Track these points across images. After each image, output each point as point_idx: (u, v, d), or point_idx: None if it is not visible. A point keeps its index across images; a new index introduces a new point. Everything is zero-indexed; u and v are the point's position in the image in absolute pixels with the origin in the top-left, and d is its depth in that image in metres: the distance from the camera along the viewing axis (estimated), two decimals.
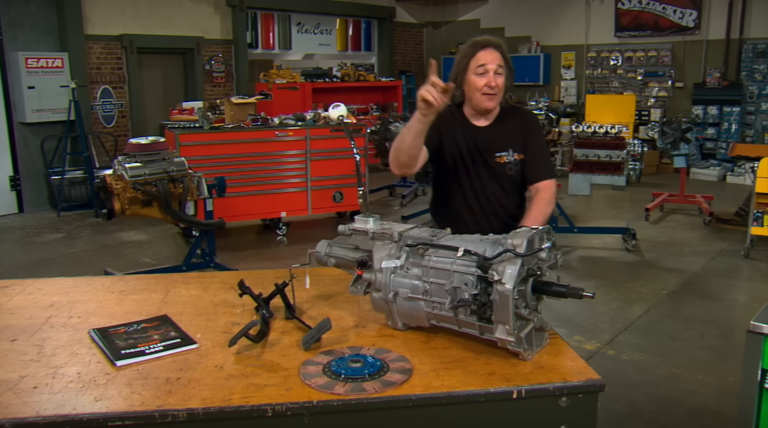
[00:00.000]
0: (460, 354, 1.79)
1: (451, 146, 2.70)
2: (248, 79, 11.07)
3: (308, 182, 7.33)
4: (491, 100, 2.65)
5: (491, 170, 2.72)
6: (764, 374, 1.47)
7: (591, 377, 1.65)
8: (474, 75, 2.63)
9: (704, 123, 11.52)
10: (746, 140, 11.28)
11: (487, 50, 2.64)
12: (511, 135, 2.74)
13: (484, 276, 1.69)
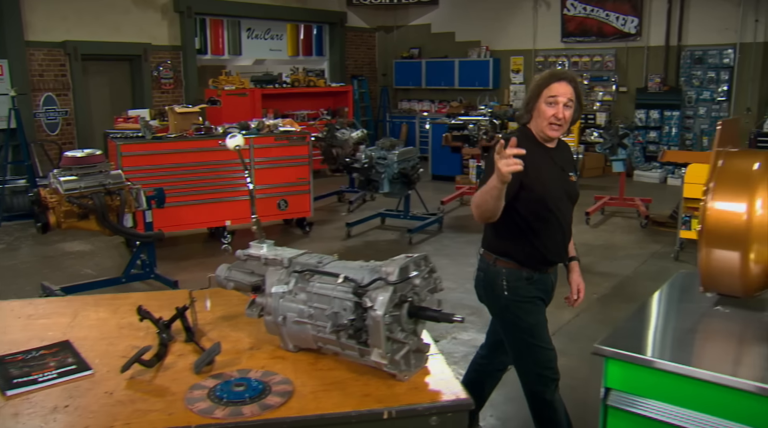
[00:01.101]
0: (342, 376, 1.89)
1: (535, 163, 2.70)
2: (198, 85, 11.03)
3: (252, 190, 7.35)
4: (556, 130, 2.77)
5: (569, 187, 2.87)
6: (607, 392, 1.60)
7: (460, 397, 1.77)
8: (544, 104, 2.74)
9: (647, 127, 11.86)
10: (686, 143, 11.66)
11: (561, 83, 2.74)
12: (570, 160, 2.96)
13: (360, 302, 1.79)
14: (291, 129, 7.80)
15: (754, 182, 1.67)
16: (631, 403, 1.58)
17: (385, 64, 14.66)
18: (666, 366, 1.51)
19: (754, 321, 1.77)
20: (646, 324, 1.79)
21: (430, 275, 1.96)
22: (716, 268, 1.70)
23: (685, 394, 1.50)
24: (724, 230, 1.66)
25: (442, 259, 6.72)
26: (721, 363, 1.53)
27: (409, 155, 7.42)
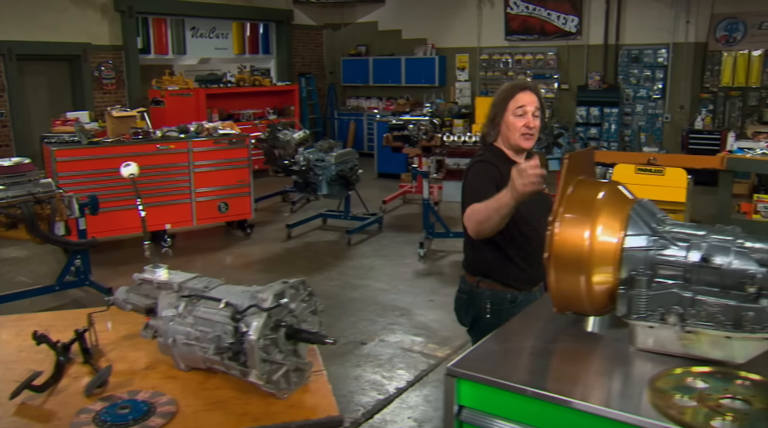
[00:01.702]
0: (227, 395, 1.99)
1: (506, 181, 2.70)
2: (141, 85, 10.94)
3: (192, 193, 7.40)
4: (529, 139, 2.76)
5: (543, 201, 2.75)
6: (460, 409, 1.74)
7: (331, 414, 1.89)
8: (513, 116, 2.73)
9: (587, 123, 12.18)
10: (624, 139, 12.01)
11: (526, 92, 2.74)
12: None
13: (238, 327, 1.90)
14: (230, 132, 7.84)
15: (597, 210, 1.82)
16: (482, 421, 1.72)
17: (332, 61, 14.71)
18: (512, 386, 1.65)
19: (607, 341, 1.92)
20: (502, 344, 1.93)
21: (310, 298, 2.08)
22: (564, 290, 1.85)
23: (528, 413, 1.64)
24: (569, 255, 1.80)
25: (379, 260, 6.86)
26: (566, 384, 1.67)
27: (347, 157, 7.53)
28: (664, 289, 1.73)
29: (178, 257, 7.13)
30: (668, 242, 1.76)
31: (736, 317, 1.65)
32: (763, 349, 1.67)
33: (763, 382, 1.60)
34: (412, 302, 5.59)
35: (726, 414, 1.46)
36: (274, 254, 7.22)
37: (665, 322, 1.71)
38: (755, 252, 1.68)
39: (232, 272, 6.66)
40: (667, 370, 1.66)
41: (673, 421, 1.45)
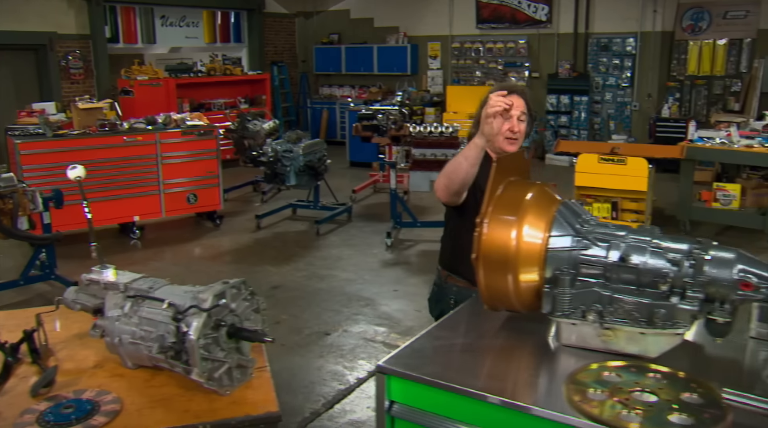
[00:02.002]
0: (171, 392, 2.05)
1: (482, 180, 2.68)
2: (109, 75, 10.84)
3: (160, 185, 7.39)
4: (512, 144, 2.74)
5: None
6: (391, 404, 1.82)
7: (270, 410, 1.96)
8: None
9: (558, 112, 12.30)
10: (594, 127, 12.15)
11: (512, 96, 2.68)
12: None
13: (179, 327, 1.96)
14: (199, 123, 7.83)
15: (524, 211, 1.89)
16: (412, 416, 1.79)
17: (305, 50, 14.67)
18: (437, 383, 1.72)
19: (535, 337, 2.00)
20: (433, 341, 2.00)
21: (252, 297, 2.13)
22: (493, 289, 1.92)
23: (454, 408, 1.71)
24: (496, 256, 1.87)
25: (347, 249, 6.92)
26: (488, 380, 1.76)
27: (315, 148, 7.57)
28: (585, 288, 1.81)
29: (147, 249, 7.14)
30: (590, 243, 1.84)
31: (649, 314, 1.74)
32: (674, 343, 1.76)
33: (672, 374, 1.69)
34: (377, 293, 5.66)
35: (633, 407, 1.54)
36: (243, 245, 7.25)
37: (586, 319, 1.79)
38: (669, 252, 1.76)
39: (200, 263, 6.69)
40: (585, 365, 1.75)
41: (584, 414, 1.53)
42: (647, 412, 1.53)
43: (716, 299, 1.71)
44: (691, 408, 1.54)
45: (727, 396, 1.49)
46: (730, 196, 7.21)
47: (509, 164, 2.04)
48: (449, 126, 6.94)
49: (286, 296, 5.67)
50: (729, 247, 1.76)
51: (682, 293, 1.72)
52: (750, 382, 1.70)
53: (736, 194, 7.20)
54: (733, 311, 1.73)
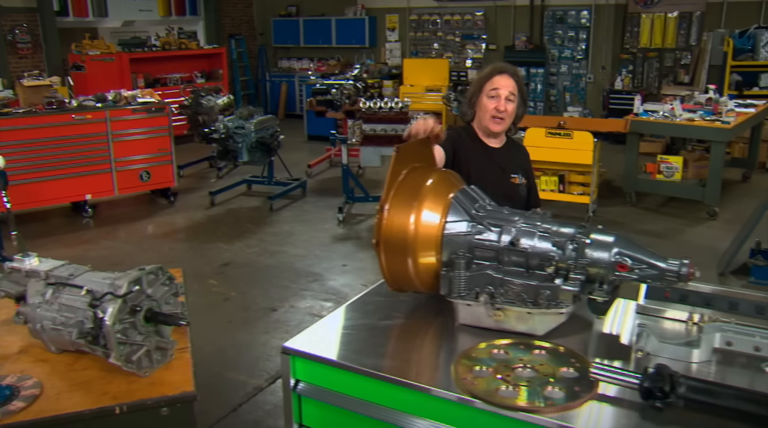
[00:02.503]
0: (92, 375, 2.13)
1: (468, 161, 2.80)
2: (59, 49, 10.62)
3: (112, 163, 7.36)
4: (499, 124, 2.79)
5: (508, 189, 2.86)
6: (297, 383, 1.92)
7: (186, 390, 2.05)
8: (486, 97, 2.78)
9: None
10: (550, 98, 12.29)
11: (503, 76, 2.77)
12: (518, 161, 2.96)
13: (96, 313, 2.03)
14: (150, 100, 7.77)
15: (423, 196, 1.98)
16: (316, 393, 1.90)
17: (263, 22, 14.50)
18: (336, 362, 1.84)
19: (439, 318, 2.11)
20: (338, 321, 2.11)
21: (170, 282, 2.21)
22: (396, 272, 2.02)
23: (353, 386, 1.82)
24: (396, 240, 1.97)
25: (299, 225, 7.00)
26: (386, 360, 1.86)
27: (267, 124, 7.58)
28: (479, 270, 1.93)
29: (99, 228, 7.12)
30: (485, 228, 1.94)
31: (535, 295, 1.85)
32: (560, 321, 1.89)
33: (555, 350, 1.82)
34: (326, 268, 5.76)
35: (512, 382, 1.66)
36: (197, 222, 7.28)
37: (479, 300, 1.91)
38: (555, 236, 1.88)
39: (152, 241, 6.71)
40: (475, 344, 1.87)
41: (465, 391, 1.65)
42: (524, 387, 1.65)
43: (596, 280, 1.83)
44: (565, 382, 1.67)
45: (594, 370, 1.61)
46: (673, 168, 7.42)
47: (412, 153, 2.12)
48: (399, 101, 6.99)
49: (235, 273, 5.75)
50: (609, 231, 1.87)
51: (565, 275, 1.84)
52: (622, 356, 1.83)
53: (678, 166, 7.41)
54: (613, 290, 1.85)
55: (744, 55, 9.80)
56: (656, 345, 1.81)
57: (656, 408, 1.53)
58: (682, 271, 1.76)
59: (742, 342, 1.79)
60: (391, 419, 1.79)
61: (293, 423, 1.96)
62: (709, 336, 1.80)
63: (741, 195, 7.90)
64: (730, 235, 5.87)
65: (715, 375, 1.76)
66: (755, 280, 5.30)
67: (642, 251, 1.81)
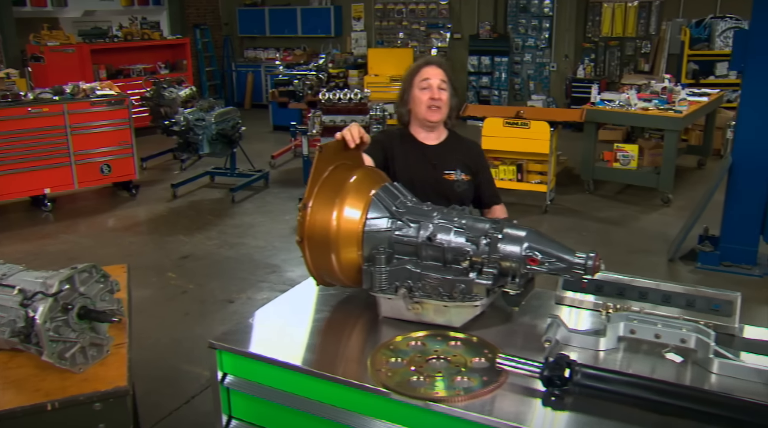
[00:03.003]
0: (26, 373, 2.16)
1: (400, 161, 2.82)
2: (17, 40, 10.46)
3: (71, 156, 7.31)
4: (435, 113, 2.79)
5: (440, 185, 2.83)
6: (224, 376, 1.98)
7: (119, 385, 2.09)
8: (418, 90, 2.80)
9: (479, 72, 12.50)
10: (515, 87, 12.41)
11: (430, 66, 2.80)
12: (458, 157, 2.90)
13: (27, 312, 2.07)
14: (109, 92, 7.71)
15: (345, 193, 2.05)
16: (242, 386, 1.96)
17: (228, 12, 14.39)
18: (258, 356, 1.91)
19: (367, 311, 2.18)
20: (267, 317, 2.17)
21: (105, 280, 2.25)
22: (320, 268, 2.09)
23: (276, 377, 1.89)
24: (319, 237, 2.03)
25: (260, 217, 7.03)
26: (309, 353, 1.94)
27: (228, 116, 7.58)
28: (399, 265, 2.00)
29: (59, 222, 7.08)
30: (404, 224, 2.02)
31: (451, 288, 1.93)
32: (475, 314, 1.97)
33: (469, 341, 1.91)
34: (284, 259, 5.81)
35: (424, 373, 1.74)
36: (158, 215, 7.27)
37: (398, 294, 1.98)
38: (470, 231, 1.96)
39: (112, 234, 6.70)
40: (393, 337, 1.94)
41: (379, 383, 1.72)
42: (435, 377, 1.73)
43: (509, 274, 1.91)
44: (476, 372, 1.75)
45: (500, 361, 1.70)
46: (629, 156, 7.58)
47: (336, 152, 2.19)
48: (359, 92, 7.04)
49: (194, 266, 5.77)
50: (522, 226, 1.95)
51: (480, 269, 1.92)
52: (530, 346, 1.92)
53: (634, 154, 7.57)
54: (526, 283, 1.94)
55: (700, 44, 9.99)
56: (565, 335, 1.90)
57: (555, 395, 1.62)
58: (588, 264, 1.84)
59: (644, 330, 1.88)
60: (315, 410, 1.86)
61: (222, 414, 2.03)
62: (614, 325, 1.89)
63: (695, 182, 8.08)
64: (683, 221, 6.02)
65: (620, 362, 1.85)
66: (702, 266, 5.46)
67: (551, 246, 1.89)
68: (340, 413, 1.82)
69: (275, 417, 1.98)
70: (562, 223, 6.76)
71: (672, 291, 2.03)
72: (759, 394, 1.65)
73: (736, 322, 1.95)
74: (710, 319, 1.96)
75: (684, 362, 1.81)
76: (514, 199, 7.38)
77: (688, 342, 1.82)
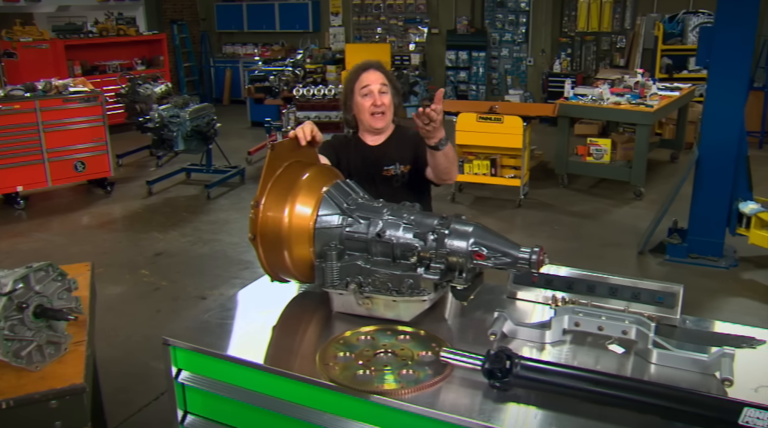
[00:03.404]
0: None
1: (347, 165, 2.84)
2: None
3: (44, 154, 7.26)
4: (380, 119, 2.78)
5: (380, 183, 2.84)
6: (179, 372, 2.01)
7: (75, 382, 2.11)
8: (360, 97, 2.77)
9: (457, 67, 12.53)
10: (492, 82, 12.47)
11: (368, 72, 2.76)
12: (399, 150, 2.87)
13: None
14: (82, 89, 7.67)
15: (297, 191, 2.07)
16: (196, 381, 1.99)
17: (206, 7, 14.32)
18: (209, 352, 1.94)
19: (323, 307, 2.20)
20: (220, 313, 2.20)
21: (62, 278, 2.26)
22: (274, 265, 2.12)
23: (229, 373, 1.92)
24: (272, 234, 2.06)
25: (235, 213, 7.04)
26: (258, 347, 1.97)
27: (202, 112, 7.56)
28: (350, 261, 2.03)
29: (32, 220, 7.04)
30: (354, 220, 2.05)
31: (400, 283, 1.97)
32: (424, 308, 2.00)
33: (416, 334, 1.95)
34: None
35: (370, 367, 1.78)
36: (132, 212, 7.25)
37: (348, 290, 2.02)
38: (418, 227, 1.99)
39: (86, 232, 6.67)
40: (343, 332, 1.98)
41: (326, 377, 1.75)
42: (381, 371, 1.76)
43: (456, 269, 1.95)
44: (421, 365, 1.78)
45: (443, 354, 1.74)
46: (602, 150, 7.66)
47: (289, 150, 2.21)
48: (332, 88, 7.06)
49: (167, 263, 5.77)
50: (467, 221, 1.99)
51: (427, 265, 1.96)
52: (480, 340, 1.95)
53: (607, 148, 7.65)
54: (473, 278, 1.98)
55: (674, 39, 10.09)
56: (512, 328, 1.94)
57: (496, 387, 1.66)
58: (533, 258, 1.88)
59: (587, 322, 1.92)
60: (267, 405, 1.89)
61: (177, 410, 2.05)
62: (559, 318, 1.93)
63: (668, 175, 8.18)
64: (654, 214, 6.11)
65: (565, 354, 1.89)
66: (670, 258, 5.55)
67: (497, 241, 1.92)
68: (291, 407, 1.85)
69: (230, 413, 2.01)
70: (535, 217, 6.82)
71: (618, 284, 2.07)
72: (694, 383, 1.70)
73: (678, 313, 1.99)
74: (654, 311, 2.00)
75: (626, 353, 1.86)
76: (489, 193, 7.45)
77: (629, 333, 1.86)
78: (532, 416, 1.61)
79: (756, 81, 9.83)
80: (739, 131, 5.22)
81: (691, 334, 1.96)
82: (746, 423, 1.42)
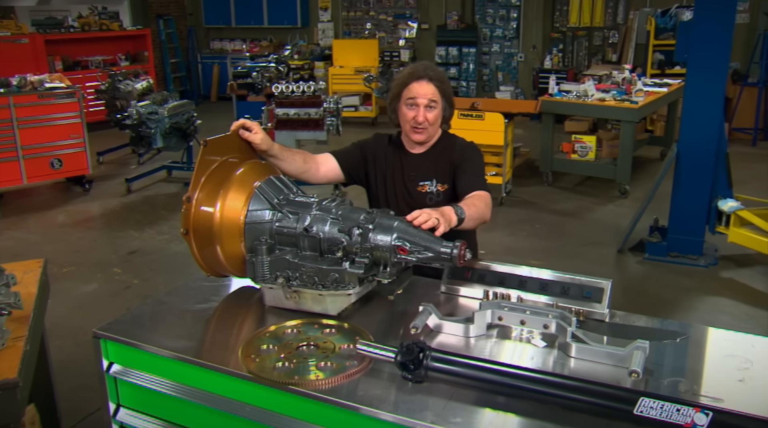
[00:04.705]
0: None
1: (384, 169, 2.67)
2: None
3: (19, 151, 7.15)
4: (420, 133, 2.56)
5: (410, 197, 2.63)
6: (110, 365, 2.00)
7: (8, 377, 2.03)
8: (405, 106, 2.55)
9: (447, 63, 12.41)
10: (483, 78, 12.35)
11: (421, 82, 2.52)
12: (439, 165, 2.62)
13: None
14: (59, 85, 7.55)
15: (228, 186, 2.01)
16: (128, 374, 1.97)
17: (193, 2, 14.19)
18: (139, 345, 1.92)
19: (255, 300, 2.12)
20: (154, 306, 2.21)
21: (1, 273, 2.19)
22: (208, 259, 2.06)
23: (158, 366, 1.92)
24: (204, 229, 2.01)
25: None
26: (185, 340, 1.95)
27: (182, 109, 7.46)
28: (280, 255, 1.98)
29: (6, 218, 6.94)
30: (284, 215, 1.98)
31: (325, 278, 1.94)
32: (350, 302, 2.02)
33: (341, 327, 1.94)
34: None
35: (290, 359, 1.75)
36: (110, 210, 7.16)
37: (277, 284, 1.94)
38: (344, 221, 1.94)
39: (61, 230, 6.58)
40: (268, 325, 1.96)
41: (245, 369, 1.73)
42: (300, 363, 1.75)
43: (381, 263, 1.94)
44: (341, 358, 1.76)
45: (360, 347, 1.71)
46: (587, 147, 7.55)
47: (225, 146, 2.18)
48: (312, 85, 6.93)
49: (142, 261, 5.68)
50: (392, 216, 1.98)
51: (352, 259, 1.95)
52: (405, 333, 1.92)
53: (592, 145, 7.55)
54: (399, 272, 1.97)
55: (666, 34, 9.98)
56: (437, 322, 1.92)
57: (408, 379, 1.65)
58: (454, 253, 1.88)
59: (510, 317, 1.91)
60: (193, 397, 1.88)
61: (109, 403, 2.04)
62: (483, 313, 1.92)
63: (655, 173, 8.02)
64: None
65: (488, 348, 1.88)
66: (649, 256, 5.45)
67: (419, 236, 1.92)
68: (216, 399, 1.84)
69: (160, 405, 1.99)
70: (516, 215, 6.72)
71: (548, 280, 2.07)
72: (608, 375, 1.69)
73: (605, 308, 1.99)
74: (582, 306, 2.00)
75: (547, 347, 1.85)
76: None
77: (550, 327, 1.85)
78: (441, 407, 1.59)
79: (750, 77, 9.75)
80: (719, 127, 5.11)
81: (617, 329, 1.94)
82: (640, 413, 1.43)
